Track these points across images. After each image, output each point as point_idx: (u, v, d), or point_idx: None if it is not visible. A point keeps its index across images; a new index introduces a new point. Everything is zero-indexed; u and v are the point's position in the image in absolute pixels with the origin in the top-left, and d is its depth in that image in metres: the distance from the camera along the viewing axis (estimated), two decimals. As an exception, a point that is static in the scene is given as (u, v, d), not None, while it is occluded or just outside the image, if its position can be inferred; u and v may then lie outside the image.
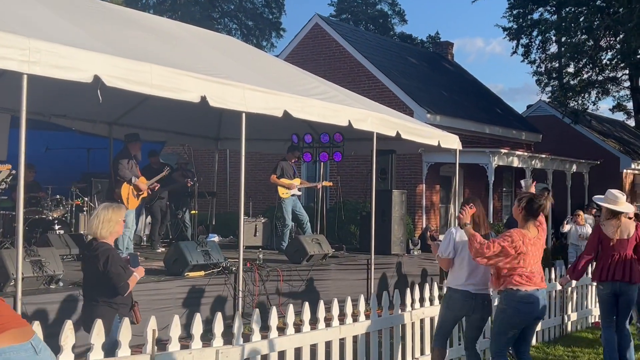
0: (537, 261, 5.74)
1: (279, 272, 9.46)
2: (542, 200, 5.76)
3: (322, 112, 9.55)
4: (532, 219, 5.76)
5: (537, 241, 5.74)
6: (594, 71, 25.90)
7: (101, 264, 4.93)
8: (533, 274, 5.66)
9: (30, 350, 2.68)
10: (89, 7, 9.94)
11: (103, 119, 13.14)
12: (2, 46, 5.99)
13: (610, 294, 7.09)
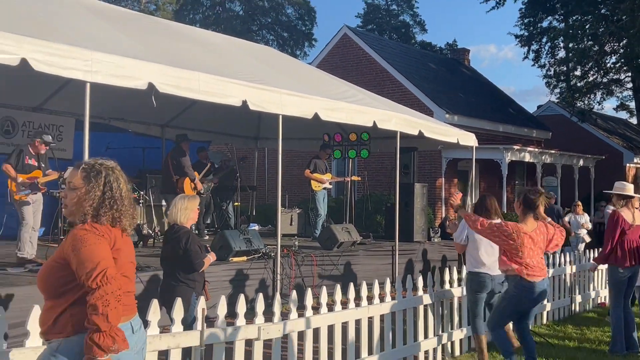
0: (537, 253, 5.66)
1: (313, 258, 9.49)
2: (537, 193, 5.73)
3: (350, 114, 9.53)
4: (530, 212, 5.69)
5: (534, 235, 5.63)
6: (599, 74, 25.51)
7: (183, 243, 5.17)
8: (535, 265, 5.61)
9: (129, 329, 2.78)
10: (143, 22, 10.06)
11: (156, 121, 13.29)
12: (68, 58, 6.09)
13: (628, 278, 6.95)
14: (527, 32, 25.58)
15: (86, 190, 2.81)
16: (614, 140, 26.51)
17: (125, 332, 2.71)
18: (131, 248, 3.00)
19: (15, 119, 11.13)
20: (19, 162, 7.94)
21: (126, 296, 2.80)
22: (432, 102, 18.94)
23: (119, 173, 2.94)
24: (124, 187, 2.91)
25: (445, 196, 18.89)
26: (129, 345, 2.67)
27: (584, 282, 9.79)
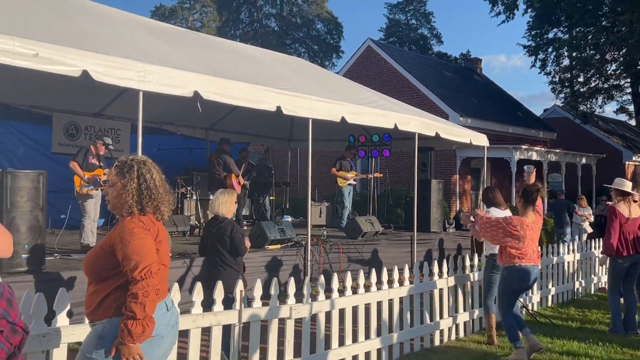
0: (534, 242, 5.73)
1: (340, 246, 9.48)
2: (534, 189, 5.74)
3: (373, 117, 9.49)
4: (530, 206, 5.71)
5: (534, 225, 5.72)
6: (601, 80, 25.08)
7: (228, 232, 5.22)
8: (530, 253, 5.66)
9: (164, 307, 2.79)
10: (189, 37, 10.14)
11: (201, 125, 13.41)
12: (124, 69, 6.17)
13: (627, 266, 6.85)
14: (534, 43, 25.23)
15: (122, 185, 2.78)
16: (614, 140, 26.05)
17: (161, 310, 2.74)
18: (167, 239, 2.99)
19: (79, 124, 11.33)
20: (84, 161, 8.09)
21: (164, 280, 2.82)
22: (448, 106, 18.76)
23: (150, 165, 2.90)
24: (157, 177, 2.86)
25: (459, 191, 18.73)
26: (151, 335, 2.65)
27: (586, 268, 9.62)
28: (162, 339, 2.74)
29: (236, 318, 4.27)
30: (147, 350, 2.66)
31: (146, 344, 2.65)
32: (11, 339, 2.36)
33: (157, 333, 2.69)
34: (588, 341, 6.38)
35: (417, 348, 6.00)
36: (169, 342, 2.82)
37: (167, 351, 2.87)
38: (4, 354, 2.35)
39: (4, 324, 2.32)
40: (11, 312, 2.37)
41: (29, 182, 5.81)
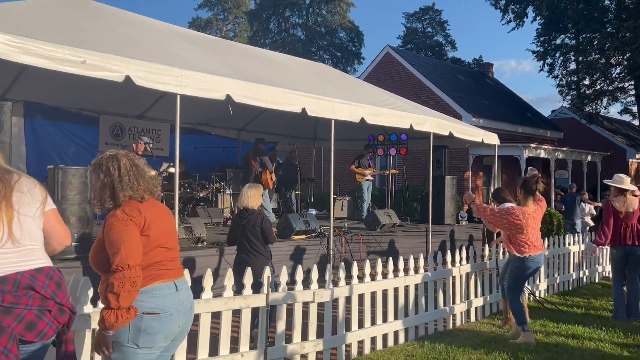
0: (536, 230, 5.68)
1: (360, 237, 9.45)
2: (534, 180, 5.70)
3: (391, 118, 9.42)
4: (530, 196, 5.68)
5: (535, 215, 5.67)
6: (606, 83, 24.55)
7: (258, 222, 5.26)
8: (535, 241, 5.63)
9: (173, 288, 2.71)
10: (222, 45, 10.18)
11: (234, 126, 13.48)
12: (163, 75, 6.22)
13: (623, 256, 6.76)
14: (542, 48, 24.81)
15: (94, 183, 2.72)
16: (618, 139, 25.53)
17: (169, 290, 2.67)
18: (168, 221, 2.83)
19: (123, 125, 11.46)
20: None
21: (171, 262, 2.73)
22: (461, 107, 18.56)
23: (121, 156, 2.74)
24: (127, 164, 2.70)
25: (471, 187, 18.52)
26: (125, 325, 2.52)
27: (591, 258, 9.43)
28: (170, 316, 2.64)
29: (264, 301, 4.28)
30: (155, 326, 2.59)
31: (154, 320, 2.58)
32: (59, 318, 2.39)
33: (165, 310, 2.62)
34: (592, 326, 6.26)
35: (431, 331, 5.95)
36: (177, 321, 2.69)
37: (177, 331, 2.73)
38: (52, 332, 2.38)
39: (52, 304, 2.35)
40: (59, 294, 2.40)
41: (78, 177, 5.90)
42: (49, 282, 2.38)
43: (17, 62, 5.16)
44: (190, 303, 2.84)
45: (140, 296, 2.58)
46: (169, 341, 2.71)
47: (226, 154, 12.97)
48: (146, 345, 2.59)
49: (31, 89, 9.47)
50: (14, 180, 2.42)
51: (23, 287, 2.29)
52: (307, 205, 14.44)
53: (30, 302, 2.29)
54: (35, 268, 2.36)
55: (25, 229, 2.39)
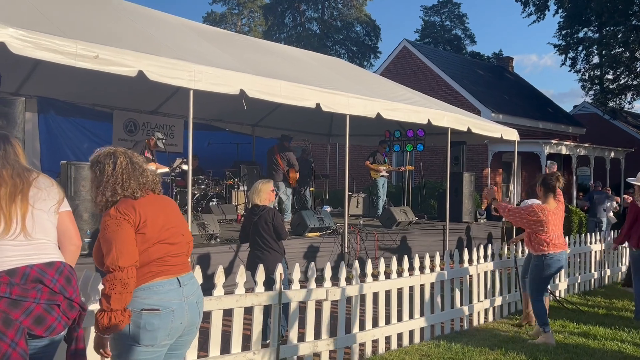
0: (558, 228, 5.61)
1: (375, 234, 9.43)
2: (553, 177, 5.62)
3: (407, 113, 9.36)
4: (550, 193, 5.60)
5: (556, 211, 5.60)
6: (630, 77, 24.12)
7: (270, 218, 5.27)
8: (556, 239, 5.56)
9: (175, 284, 2.67)
10: (236, 39, 10.21)
11: (248, 121, 13.52)
12: (176, 69, 6.24)
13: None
14: (564, 42, 24.47)
15: (91, 181, 2.72)
16: (643, 135, 25.12)
17: (171, 286, 2.63)
18: (170, 216, 2.78)
19: (137, 121, 11.56)
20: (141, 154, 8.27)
21: (174, 257, 2.70)
22: (480, 102, 18.39)
23: (120, 153, 2.74)
24: (122, 163, 2.69)
25: (490, 184, 18.37)
26: (121, 329, 2.50)
27: (614, 258, 9.31)
28: (172, 313, 2.60)
29: (276, 299, 4.29)
30: (155, 322, 2.55)
31: (153, 317, 2.54)
32: (69, 314, 2.41)
33: (166, 306, 2.59)
34: (614, 327, 6.17)
35: (447, 331, 5.92)
36: (180, 318, 2.64)
37: (182, 328, 2.69)
38: (61, 327, 2.39)
39: (61, 299, 2.37)
40: (69, 289, 2.42)
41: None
42: (58, 277, 2.39)
43: (31, 57, 5.22)
44: (197, 298, 2.79)
45: (140, 293, 2.57)
46: (173, 339, 2.66)
47: (240, 150, 13.01)
48: (147, 342, 2.55)
49: (45, 84, 9.59)
50: (32, 177, 2.51)
51: (31, 280, 2.31)
52: (321, 202, 14.44)
53: (38, 296, 2.30)
54: (45, 262, 2.38)
55: (39, 223, 2.43)
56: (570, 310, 6.96)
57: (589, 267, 8.58)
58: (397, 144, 13.15)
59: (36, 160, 10.19)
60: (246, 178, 12.55)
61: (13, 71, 8.52)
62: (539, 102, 23.11)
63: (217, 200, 11.00)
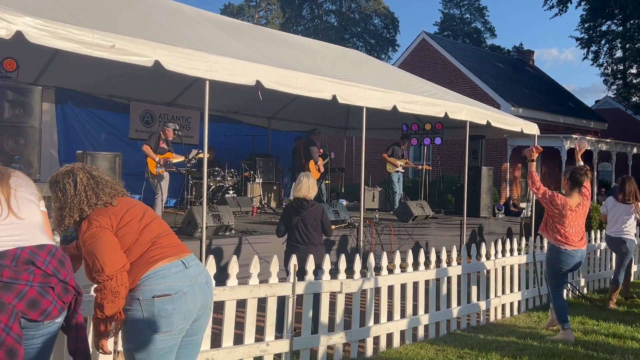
0: (577, 225, 5.48)
1: (391, 228, 9.38)
2: (582, 172, 5.50)
3: (424, 106, 9.26)
4: (576, 188, 5.48)
5: (578, 209, 5.46)
6: (654, 72, 23.74)
7: (319, 215, 5.28)
8: (573, 235, 5.44)
9: (181, 266, 2.65)
10: (252, 31, 10.19)
11: (264, 114, 13.53)
12: (192, 60, 6.22)
13: None
14: (587, 35, 24.06)
15: (53, 203, 2.67)
16: (667, 130, 24.64)
17: (176, 268, 2.62)
18: (142, 206, 2.80)
19: (154, 112, 11.62)
20: (156, 145, 8.31)
21: (167, 238, 2.70)
22: (499, 96, 18.19)
23: (78, 170, 2.68)
24: (82, 180, 2.64)
25: (509, 178, 18.19)
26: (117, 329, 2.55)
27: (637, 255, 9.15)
28: (184, 295, 2.59)
29: (290, 290, 4.28)
30: (169, 308, 2.54)
31: (167, 302, 2.53)
32: (63, 297, 2.35)
33: (177, 290, 2.57)
34: (635, 325, 6.07)
35: (464, 326, 5.87)
36: (193, 300, 2.63)
37: (197, 310, 2.67)
38: (56, 311, 2.33)
39: (55, 281, 2.31)
40: (62, 271, 2.36)
41: (107, 162, 6.01)
42: (50, 259, 2.34)
43: (48, 47, 5.25)
44: (206, 278, 2.77)
45: (147, 281, 2.55)
46: (189, 322, 2.64)
47: (256, 142, 13.03)
48: (165, 329, 2.54)
49: (62, 75, 9.68)
50: (9, 170, 2.52)
51: (22, 262, 2.26)
52: (337, 195, 14.41)
53: (30, 278, 2.24)
54: (36, 245, 2.34)
55: (23, 204, 2.40)
56: (590, 307, 6.87)
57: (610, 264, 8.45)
58: (415, 137, 13.05)
59: (54, 151, 10.31)
60: (262, 171, 12.58)
61: (31, 61, 8.61)
62: (560, 97, 22.80)
63: (233, 192, 11.02)
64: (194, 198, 10.10)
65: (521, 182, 18.84)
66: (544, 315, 6.47)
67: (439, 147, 15.39)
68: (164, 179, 8.29)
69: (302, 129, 14.48)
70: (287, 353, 4.28)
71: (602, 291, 8.00)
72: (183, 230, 7.23)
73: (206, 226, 6.60)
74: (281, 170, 13.70)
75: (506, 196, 17.32)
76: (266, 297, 4.18)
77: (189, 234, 7.06)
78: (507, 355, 4.94)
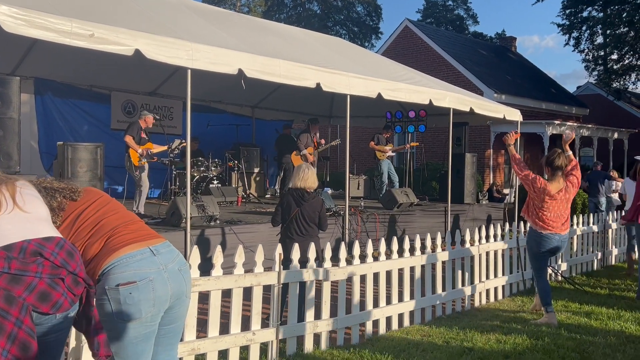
0: (558, 210, 5.53)
1: (376, 216, 9.42)
2: (554, 155, 5.56)
3: (409, 93, 9.27)
4: (558, 172, 5.53)
5: (558, 195, 5.50)
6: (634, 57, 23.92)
7: (319, 208, 5.24)
8: (550, 220, 5.51)
9: (147, 253, 2.56)
10: (234, 18, 10.09)
11: (247, 103, 13.46)
12: (173, 48, 6.14)
13: None
14: (568, 22, 24.21)
15: None
16: (647, 115, 25.02)
17: (142, 255, 2.54)
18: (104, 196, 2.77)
19: (135, 102, 11.49)
20: (137, 135, 8.19)
21: (133, 225, 2.66)
22: (482, 83, 18.27)
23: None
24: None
25: (492, 165, 18.33)
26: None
27: (616, 238, 9.30)
28: (151, 282, 2.50)
29: (275, 279, 4.28)
30: (135, 296, 2.46)
31: (131, 289, 2.46)
32: (74, 289, 2.30)
33: (142, 277, 2.49)
34: (616, 307, 6.18)
35: (449, 311, 5.93)
36: (162, 287, 2.54)
37: (169, 297, 2.58)
38: (67, 304, 2.27)
39: (65, 272, 2.26)
40: (71, 263, 2.31)
41: (88, 153, 5.93)
42: (59, 250, 2.29)
43: (24, 36, 5.15)
44: (179, 265, 2.65)
45: (112, 269, 2.47)
46: (160, 310, 2.56)
47: (240, 131, 12.96)
48: (132, 317, 2.47)
49: (41, 65, 9.52)
50: (14, 177, 2.50)
51: (30, 253, 2.21)
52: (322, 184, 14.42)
53: (39, 270, 2.19)
54: (43, 237, 2.30)
55: (28, 199, 2.37)
56: (573, 291, 6.97)
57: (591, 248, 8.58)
58: (399, 125, 13.07)
59: (34, 143, 10.16)
60: (246, 160, 12.53)
61: (8, 52, 8.45)
62: (542, 83, 22.97)
63: (217, 182, 10.97)
64: (178, 189, 10.03)
65: (504, 169, 19.00)
66: (527, 299, 6.56)
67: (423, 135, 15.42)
68: (144, 171, 8.19)
69: (288, 118, 14.45)
70: (273, 341, 4.29)
71: (589, 275, 8.12)
72: (167, 221, 7.18)
73: (190, 216, 6.56)
74: (265, 159, 13.66)
75: (489, 182, 17.46)
76: (252, 287, 4.18)
77: (173, 225, 7.02)
78: (491, 340, 5.00)
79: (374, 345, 4.76)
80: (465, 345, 4.80)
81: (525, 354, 4.62)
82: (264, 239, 6.81)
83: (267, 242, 5.64)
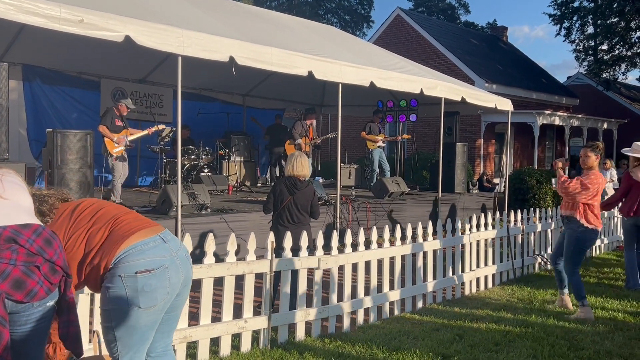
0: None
1: (367, 205, 9.43)
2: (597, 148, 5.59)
3: (400, 82, 9.25)
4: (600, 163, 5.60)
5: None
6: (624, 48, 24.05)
7: (311, 197, 5.25)
8: (599, 213, 5.54)
9: (159, 240, 2.59)
10: (226, 5, 10.00)
11: (238, 91, 13.38)
12: (164, 35, 6.08)
13: (633, 225, 6.75)
14: (559, 12, 24.29)
15: None
16: (636, 106, 25.21)
17: (154, 242, 2.56)
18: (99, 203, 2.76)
19: (125, 89, 11.38)
20: (111, 124, 8.04)
21: (131, 214, 2.68)
22: (473, 72, 18.30)
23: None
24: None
25: (483, 154, 18.40)
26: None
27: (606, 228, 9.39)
28: (166, 270, 2.54)
29: (268, 267, 4.28)
30: (153, 283, 2.48)
31: (150, 277, 2.48)
32: (51, 278, 2.25)
33: (159, 265, 2.52)
34: (604, 295, 6.25)
35: (439, 299, 5.97)
36: (176, 274, 2.58)
37: (180, 284, 2.62)
38: (43, 292, 2.23)
39: (41, 260, 2.22)
40: (48, 250, 2.26)
41: (78, 141, 5.88)
42: (35, 237, 2.24)
43: (13, 21, 5.07)
44: (185, 252, 2.71)
45: (127, 257, 2.47)
46: (172, 297, 2.60)
47: (231, 120, 12.89)
48: (148, 305, 2.49)
49: (30, 52, 9.39)
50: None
51: (4, 239, 2.16)
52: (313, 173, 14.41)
53: (14, 257, 2.15)
54: (20, 223, 2.24)
55: (9, 187, 2.32)
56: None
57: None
58: (390, 114, 13.07)
59: (22, 130, 10.05)
60: (237, 149, 12.49)
61: (-5, 37, 8.32)
62: (532, 73, 23.03)
63: (208, 170, 10.92)
64: (169, 177, 9.98)
65: (495, 158, 19.09)
66: (517, 288, 6.61)
67: (414, 124, 15.46)
68: (121, 160, 8.03)
69: (279, 107, 14.40)
70: (265, 329, 4.30)
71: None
72: (158, 209, 7.15)
73: (181, 205, 6.53)
74: (256, 148, 13.62)
75: (480, 172, 17.53)
76: (244, 275, 4.17)
77: (164, 213, 6.98)
78: (482, 327, 5.04)
79: (365, 333, 4.79)
80: (456, 333, 4.83)
81: (515, 341, 4.67)
82: (256, 228, 6.81)
83: (259, 231, 5.63)
